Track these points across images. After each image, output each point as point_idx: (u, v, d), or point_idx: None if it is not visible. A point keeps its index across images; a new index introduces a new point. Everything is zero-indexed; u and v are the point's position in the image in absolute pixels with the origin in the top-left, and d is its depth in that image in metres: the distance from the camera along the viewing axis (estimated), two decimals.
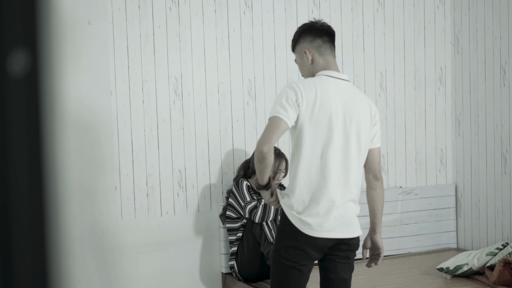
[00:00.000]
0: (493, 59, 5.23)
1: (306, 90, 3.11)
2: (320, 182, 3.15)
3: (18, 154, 0.83)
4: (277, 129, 3.05)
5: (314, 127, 3.12)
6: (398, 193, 5.49)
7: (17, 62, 0.82)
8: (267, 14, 5.09)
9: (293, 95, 3.09)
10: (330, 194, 3.16)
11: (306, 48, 3.28)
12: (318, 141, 3.13)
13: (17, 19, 0.82)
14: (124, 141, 4.72)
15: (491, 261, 4.54)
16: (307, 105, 3.10)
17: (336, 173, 3.17)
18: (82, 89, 4.57)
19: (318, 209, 3.15)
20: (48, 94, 0.84)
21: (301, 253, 3.18)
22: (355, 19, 5.38)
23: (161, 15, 4.79)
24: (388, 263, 5.20)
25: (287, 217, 3.18)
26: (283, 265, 3.19)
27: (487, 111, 5.31)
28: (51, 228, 0.86)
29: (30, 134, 0.83)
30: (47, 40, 0.84)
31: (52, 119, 0.85)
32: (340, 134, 3.16)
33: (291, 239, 3.17)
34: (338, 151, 3.16)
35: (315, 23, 3.34)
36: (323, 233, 3.17)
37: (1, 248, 0.83)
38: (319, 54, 3.27)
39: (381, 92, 5.49)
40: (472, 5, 5.41)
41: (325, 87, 3.16)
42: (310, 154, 3.14)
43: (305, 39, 3.30)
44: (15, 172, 0.83)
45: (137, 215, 4.77)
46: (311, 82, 3.17)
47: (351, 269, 3.36)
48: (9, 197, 0.83)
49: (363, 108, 3.25)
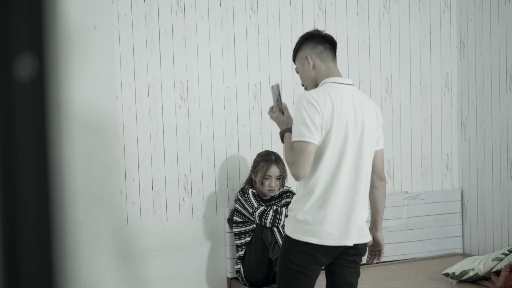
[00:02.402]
0: (499, 64, 5.23)
1: (324, 103, 3.10)
2: (335, 190, 3.15)
3: (24, 158, 0.83)
4: (310, 156, 3.06)
5: (333, 138, 3.13)
6: (403, 198, 5.48)
7: (23, 67, 0.82)
8: (273, 19, 5.10)
9: (315, 112, 3.08)
10: (346, 201, 3.17)
11: (308, 54, 3.28)
12: (335, 150, 3.14)
13: (24, 24, 0.82)
14: (130, 146, 4.73)
15: (497, 267, 4.53)
16: (326, 118, 3.10)
17: (351, 179, 3.18)
18: (88, 94, 4.58)
19: (333, 217, 3.15)
20: (54, 98, 0.85)
21: (310, 258, 3.17)
22: (360, 24, 5.38)
23: (167, 20, 4.80)
24: (394, 268, 5.19)
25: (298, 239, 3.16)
26: (291, 270, 3.18)
27: (493, 116, 5.30)
28: (57, 232, 0.86)
29: (37, 138, 0.84)
30: (54, 45, 0.84)
31: (58, 123, 0.85)
32: (354, 140, 3.18)
33: (300, 244, 3.16)
34: (352, 157, 3.18)
35: (317, 31, 3.36)
36: (338, 240, 3.18)
37: (7, 253, 0.83)
38: (321, 60, 3.27)
39: (386, 97, 5.49)
40: (478, 10, 5.41)
41: (338, 96, 3.17)
42: (327, 164, 3.14)
43: (307, 45, 3.30)
44: (21, 176, 0.83)
45: (142, 220, 4.77)
46: (326, 92, 3.15)
47: (358, 274, 3.36)
48: (15, 201, 0.83)
49: (370, 112, 3.27)
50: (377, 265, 5.27)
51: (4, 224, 0.83)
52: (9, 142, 0.82)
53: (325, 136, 3.11)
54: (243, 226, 4.75)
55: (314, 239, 3.14)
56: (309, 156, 3.05)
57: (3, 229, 0.83)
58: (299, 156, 3.04)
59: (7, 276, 0.83)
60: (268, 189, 4.69)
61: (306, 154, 3.04)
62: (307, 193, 3.15)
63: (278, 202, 4.80)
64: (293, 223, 3.18)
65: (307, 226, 3.14)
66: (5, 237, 0.83)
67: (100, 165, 4.64)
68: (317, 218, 3.13)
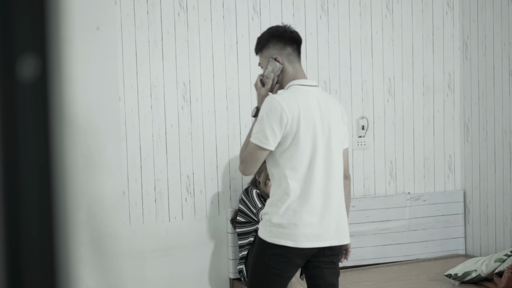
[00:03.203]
0: (501, 65, 5.22)
1: (289, 108, 3.12)
2: (309, 193, 3.16)
3: (27, 159, 0.83)
4: (260, 160, 3.13)
5: (302, 142, 3.14)
6: (406, 199, 5.48)
7: (26, 67, 0.82)
8: (276, 20, 5.10)
9: (276, 119, 3.10)
10: (319, 203, 3.18)
11: (276, 55, 3.26)
12: (306, 154, 3.16)
13: (27, 25, 0.82)
14: (132, 146, 4.73)
15: (500, 268, 4.53)
16: (292, 122, 3.12)
17: (323, 181, 3.19)
18: (91, 94, 4.58)
19: (308, 220, 3.16)
20: (57, 99, 0.85)
21: (286, 260, 3.17)
22: (363, 25, 5.38)
23: (169, 20, 4.80)
24: (396, 269, 5.19)
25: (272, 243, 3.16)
26: (267, 272, 3.18)
27: (495, 117, 5.30)
28: (59, 233, 0.86)
29: (39, 139, 0.84)
30: (56, 46, 0.84)
31: (61, 124, 0.85)
32: (323, 142, 3.20)
33: (275, 248, 3.16)
34: (322, 159, 3.19)
35: (285, 30, 3.31)
36: (313, 242, 3.18)
37: (10, 253, 0.83)
38: (289, 62, 3.27)
39: (389, 98, 5.48)
40: (480, 11, 5.41)
41: (304, 99, 3.18)
42: (299, 168, 3.15)
43: (275, 46, 3.27)
44: (24, 177, 0.83)
45: (145, 220, 4.78)
46: (292, 96, 3.17)
47: (337, 273, 3.36)
48: (18, 202, 0.83)
49: (336, 112, 3.29)
50: (379, 266, 5.27)
51: (7, 225, 0.83)
52: (11, 142, 0.82)
53: (292, 140, 3.13)
54: (247, 226, 4.75)
55: (289, 242, 3.14)
56: (259, 160, 3.13)
57: (5, 230, 0.83)
58: (250, 157, 3.12)
59: (10, 277, 0.84)
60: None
61: (256, 158, 3.12)
62: (281, 196, 3.16)
63: None
64: (267, 226, 3.18)
65: (282, 229, 3.14)
66: (8, 238, 0.83)
67: (102, 166, 4.64)
68: (292, 221, 3.14)
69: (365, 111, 5.41)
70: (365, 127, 5.39)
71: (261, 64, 3.35)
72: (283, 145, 3.14)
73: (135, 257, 4.75)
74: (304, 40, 5.19)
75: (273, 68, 3.25)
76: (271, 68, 3.26)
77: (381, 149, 5.48)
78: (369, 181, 5.45)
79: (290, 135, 3.12)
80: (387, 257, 5.41)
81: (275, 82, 3.27)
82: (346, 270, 5.21)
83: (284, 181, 3.15)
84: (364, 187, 5.44)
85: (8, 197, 0.83)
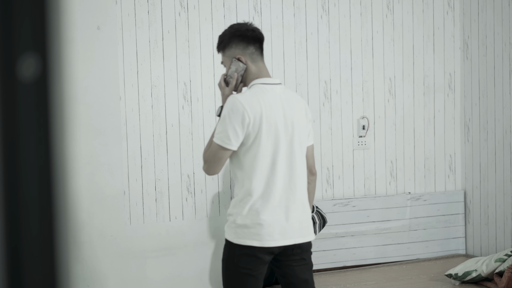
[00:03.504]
0: (502, 65, 5.22)
1: (251, 107, 3.12)
2: (272, 192, 3.17)
3: (27, 158, 0.83)
4: (222, 160, 3.15)
5: (264, 141, 3.15)
6: (406, 199, 5.48)
7: (27, 67, 0.82)
8: (276, 20, 5.10)
9: (238, 119, 3.11)
10: (283, 201, 3.20)
11: (239, 55, 3.26)
12: (268, 153, 3.17)
13: (27, 24, 0.82)
14: (133, 146, 4.73)
15: (500, 268, 4.53)
16: (254, 122, 3.13)
17: (286, 180, 3.21)
18: (91, 94, 4.58)
19: (272, 218, 3.17)
20: (57, 99, 0.85)
21: (255, 259, 3.18)
22: (364, 25, 5.38)
23: (170, 20, 4.80)
24: (396, 269, 5.19)
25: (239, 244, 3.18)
26: (238, 273, 3.19)
27: (496, 117, 5.30)
28: (60, 232, 0.86)
29: (40, 138, 0.84)
30: (57, 45, 0.84)
31: (61, 123, 0.85)
32: (285, 141, 3.21)
33: (243, 248, 3.17)
34: (285, 157, 3.21)
35: (247, 29, 3.30)
36: (278, 241, 3.19)
37: (10, 253, 0.83)
38: (252, 61, 3.27)
39: (390, 97, 5.49)
40: (481, 11, 5.41)
41: (267, 98, 3.19)
42: (262, 167, 3.16)
43: (238, 45, 3.27)
44: (24, 176, 0.83)
45: (145, 220, 4.78)
46: (254, 96, 3.17)
47: (310, 268, 3.37)
48: (19, 202, 0.83)
49: (299, 109, 3.30)
50: (379, 266, 5.27)
51: (8, 225, 0.83)
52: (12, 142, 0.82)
53: (254, 140, 3.14)
54: None
55: (255, 242, 3.15)
56: (222, 160, 3.15)
57: (6, 229, 0.83)
58: (213, 157, 3.14)
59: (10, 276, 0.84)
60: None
61: (219, 158, 3.13)
62: (244, 197, 3.17)
63: None
64: (233, 228, 3.20)
65: (247, 229, 3.16)
66: (8, 237, 0.83)
67: (103, 166, 4.64)
68: (256, 221, 3.15)
69: (366, 111, 5.41)
70: (365, 127, 5.39)
71: (224, 63, 3.34)
72: (245, 145, 3.15)
73: (136, 257, 4.75)
74: (305, 40, 5.19)
75: (237, 68, 3.25)
76: (234, 68, 3.26)
77: (382, 149, 5.48)
78: (369, 181, 5.45)
79: (252, 135, 3.13)
80: (387, 257, 5.41)
81: (239, 82, 3.28)
82: (346, 270, 5.21)
83: (247, 181, 3.16)
84: (365, 187, 5.44)
85: (8, 197, 0.83)
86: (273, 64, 5.09)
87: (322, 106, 5.26)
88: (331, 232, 5.22)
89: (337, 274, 5.09)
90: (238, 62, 3.24)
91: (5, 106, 0.81)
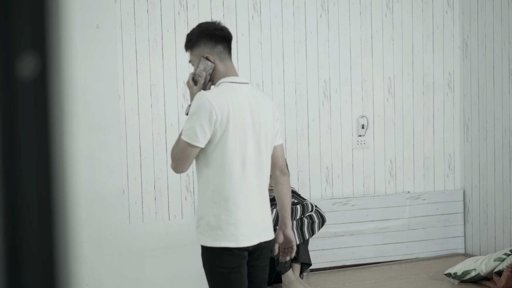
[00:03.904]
0: (501, 64, 5.22)
1: (219, 105, 3.12)
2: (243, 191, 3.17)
3: (27, 157, 0.83)
4: (190, 157, 3.13)
5: (231, 140, 3.15)
6: (406, 198, 5.48)
7: (26, 65, 0.82)
8: (276, 19, 5.10)
9: (206, 117, 3.10)
10: (253, 200, 3.20)
11: (207, 54, 3.27)
12: (237, 152, 3.16)
13: (27, 23, 0.82)
14: (132, 145, 4.73)
15: (499, 267, 4.53)
16: (221, 119, 3.12)
17: (255, 179, 3.22)
18: (91, 93, 4.58)
19: (245, 218, 3.17)
20: (57, 97, 0.85)
21: (235, 257, 3.18)
22: (363, 24, 5.38)
23: (169, 19, 4.80)
24: (395, 268, 5.19)
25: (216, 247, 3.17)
26: (223, 274, 3.18)
27: (495, 116, 5.30)
28: (59, 231, 0.86)
29: (39, 137, 0.84)
30: (56, 44, 0.84)
31: (61, 122, 0.85)
32: (253, 140, 3.21)
33: (221, 250, 3.16)
34: (253, 156, 3.21)
35: (216, 28, 3.30)
36: (251, 240, 3.20)
37: (9, 251, 0.83)
38: (220, 60, 3.27)
39: (389, 97, 5.49)
40: (481, 10, 5.41)
41: (235, 96, 3.19)
42: (231, 166, 3.15)
43: (206, 44, 3.27)
44: (24, 175, 0.83)
45: (145, 219, 4.78)
46: (221, 93, 3.17)
47: (268, 267, 3.39)
48: (18, 200, 0.83)
49: (266, 108, 3.29)
50: (379, 265, 5.28)
51: (7, 223, 0.83)
52: (11, 141, 0.82)
53: (221, 137, 3.13)
54: None
55: (231, 243, 3.15)
56: (190, 158, 3.12)
57: (5, 228, 0.83)
58: (181, 155, 3.12)
59: (10, 275, 0.84)
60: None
61: (187, 156, 3.11)
62: (216, 198, 3.15)
63: None
64: (207, 231, 3.17)
65: (221, 231, 3.14)
66: (7, 235, 0.83)
67: (102, 164, 4.64)
68: (230, 221, 3.14)
69: (365, 110, 5.41)
70: (365, 126, 5.39)
71: (192, 62, 3.34)
72: (212, 142, 3.14)
73: (135, 255, 4.75)
74: (304, 39, 5.19)
75: (205, 67, 3.27)
76: (202, 66, 3.27)
77: (381, 148, 5.49)
78: (369, 180, 5.45)
79: (219, 132, 3.12)
80: (386, 256, 5.42)
81: (207, 81, 3.29)
82: (345, 269, 5.21)
83: (215, 179, 3.15)
84: (364, 186, 5.44)
85: (8, 196, 0.83)
86: (272, 63, 5.09)
87: (321, 105, 5.26)
88: (330, 231, 5.22)
89: (336, 273, 5.09)
90: (206, 61, 3.26)
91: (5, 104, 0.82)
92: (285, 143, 5.15)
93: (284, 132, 5.15)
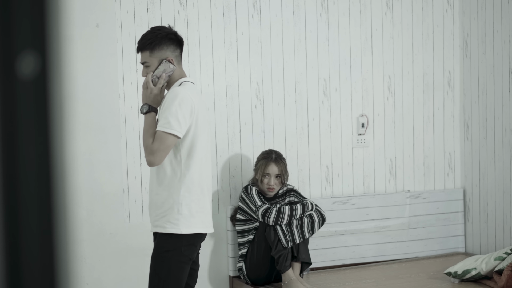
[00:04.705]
0: (501, 63, 5.22)
1: (194, 100, 3.34)
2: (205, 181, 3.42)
3: (27, 156, 0.83)
4: (170, 147, 3.29)
5: (200, 133, 3.38)
6: (406, 197, 5.48)
7: (26, 64, 0.82)
8: (275, 17, 5.10)
9: (189, 108, 3.31)
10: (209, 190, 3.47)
11: (169, 57, 3.43)
12: (202, 144, 3.40)
13: (27, 22, 0.82)
14: (132, 144, 4.73)
15: (499, 266, 4.53)
16: (197, 114, 3.36)
17: (210, 169, 3.50)
18: (91, 92, 4.58)
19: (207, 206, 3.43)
20: (57, 96, 0.85)
21: (195, 248, 3.42)
22: (363, 23, 5.38)
23: (169, 18, 4.80)
24: (396, 267, 5.19)
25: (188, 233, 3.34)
26: (180, 263, 3.35)
27: (495, 115, 5.30)
28: (59, 230, 0.86)
29: (39, 136, 0.84)
30: (56, 43, 0.84)
31: (60, 121, 0.85)
32: (207, 135, 3.48)
33: (190, 237, 3.34)
34: (209, 150, 3.49)
35: (175, 33, 3.50)
36: (211, 227, 3.49)
37: (9, 250, 0.83)
38: (177, 63, 3.47)
39: (389, 95, 5.48)
40: (481, 9, 5.41)
41: (196, 94, 3.44)
42: (198, 157, 3.37)
43: (169, 47, 3.45)
44: (24, 174, 0.83)
45: (144, 218, 4.78)
46: (193, 90, 3.41)
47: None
48: (18, 199, 0.83)
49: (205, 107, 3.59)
50: (379, 264, 5.28)
51: (7, 222, 0.83)
52: (11, 139, 0.82)
53: (193, 130, 3.34)
54: (246, 224, 4.75)
55: (202, 229, 3.38)
56: (169, 148, 3.29)
57: (5, 227, 0.83)
58: (162, 146, 3.26)
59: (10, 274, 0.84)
60: (267, 187, 4.69)
61: (167, 146, 3.27)
62: (185, 185, 3.33)
63: (281, 200, 4.79)
64: (178, 219, 3.33)
65: (193, 218, 3.34)
66: (7, 234, 0.83)
67: (102, 163, 4.64)
68: (197, 209, 3.35)
69: (365, 109, 5.41)
70: (365, 125, 5.39)
71: (149, 63, 3.46)
72: (186, 135, 3.33)
73: (135, 254, 4.75)
74: (304, 38, 5.19)
75: (165, 69, 3.41)
76: (163, 68, 3.41)
77: (381, 147, 5.48)
78: (368, 179, 5.45)
79: (193, 125, 3.33)
80: (386, 255, 5.42)
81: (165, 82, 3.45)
82: (345, 268, 5.22)
83: (185, 170, 3.32)
84: (364, 185, 5.44)
85: (8, 195, 0.83)
86: (272, 62, 5.09)
87: (321, 104, 5.26)
88: (330, 230, 5.22)
89: (336, 272, 5.09)
90: (168, 63, 3.41)
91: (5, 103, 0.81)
92: (285, 142, 5.15)
93: (284, 131, 5.15)
